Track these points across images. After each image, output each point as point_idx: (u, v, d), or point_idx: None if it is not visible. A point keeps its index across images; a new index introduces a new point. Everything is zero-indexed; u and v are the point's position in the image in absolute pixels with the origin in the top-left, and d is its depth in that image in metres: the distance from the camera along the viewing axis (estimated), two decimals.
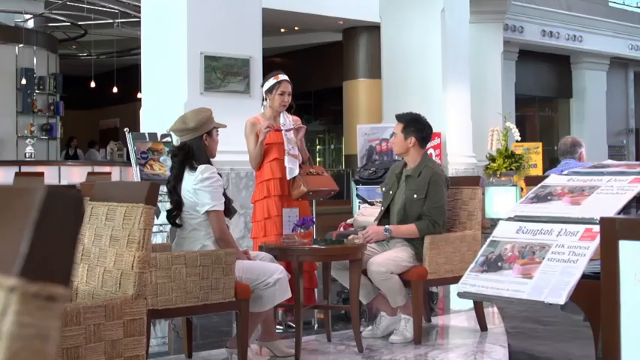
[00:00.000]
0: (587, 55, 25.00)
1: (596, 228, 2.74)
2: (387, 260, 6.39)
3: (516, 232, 3.17)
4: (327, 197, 7.55)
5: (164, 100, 10.02)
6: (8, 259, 0.75)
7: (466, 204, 6.89)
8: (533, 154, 17.46)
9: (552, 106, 27.17)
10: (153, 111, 10.20)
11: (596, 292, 2.61)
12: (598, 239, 2.77)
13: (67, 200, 0.78)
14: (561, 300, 2.78)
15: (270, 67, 8.04)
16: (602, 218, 2.55)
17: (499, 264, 3.08)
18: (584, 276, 2.92)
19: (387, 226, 6.56)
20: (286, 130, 6.95)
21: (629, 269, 2.43)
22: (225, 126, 5.88)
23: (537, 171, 16.87)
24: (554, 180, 3.45)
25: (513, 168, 16.25)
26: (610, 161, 3.96)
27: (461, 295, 3.15)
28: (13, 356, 0.74)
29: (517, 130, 16.39)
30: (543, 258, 2.95)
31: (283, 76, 7.03)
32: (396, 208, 6.70)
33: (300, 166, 6.98)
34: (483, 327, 6.81)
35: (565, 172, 3.54)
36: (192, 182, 5.48)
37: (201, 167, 5.50)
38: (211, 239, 5.49)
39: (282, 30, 21.35)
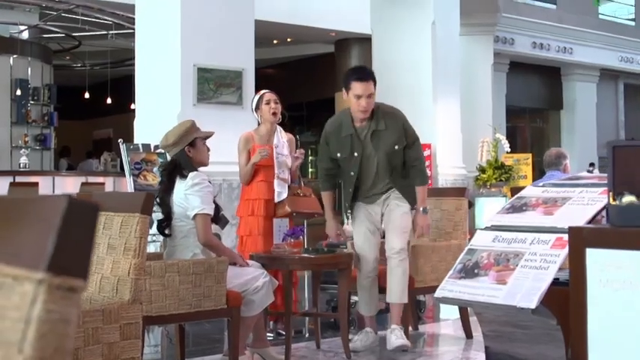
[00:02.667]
0: (578, 66, 25.14)
1: (567, 237, 2.90)
2: (405, 235, 6.50)
3: (492, 241, 3.33)
4: (309, 219, 7.61)
5: (158, 112, 10.11)
6: (37, 257, 0.91)
7: (452, 214, 7.05)
8: (523, 165, 17.61)
9: (543, 118, 27.29)
10: (147, 122, 10.28)
11: (567, 298, 2.78)
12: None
13: (85, 208, 0.94)
14: (532, 304, 2.94)
15: (262, 79, 8.20)
16: (570, 227, 2.72)
17: (476, 271, 3.25)
18: (557, 283, 3.09)
19: (422, 207, 6.49)
20: (278, 153, 7.10)
21: (596, 275, 2.60)
22: (211, 134, 5.99)
23: (527, 182, 16.97)
24: (530, 191, 3.62)
25: (503, 179, 16.40)
26: (584, 174, 4.13)
27: (439, 299, 3.31)
28: (41, 337, 0.90)
29: (507, 142, 16.57)
30: (517, 265, 3.12)
31: (265, 90, 7.26)
32: (372, 167, 6.52)
33: (288, 186, 7.14)
34: (469, 334, 6.96)
35: (540, 184, 3.70)
36: (183, 189, 5.63)
37: (192, 174, 5.66)
38: (201, 246, 5.64)
39: (275, 41, 21.50)
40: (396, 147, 6.39)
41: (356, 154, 6.45)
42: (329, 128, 6.64)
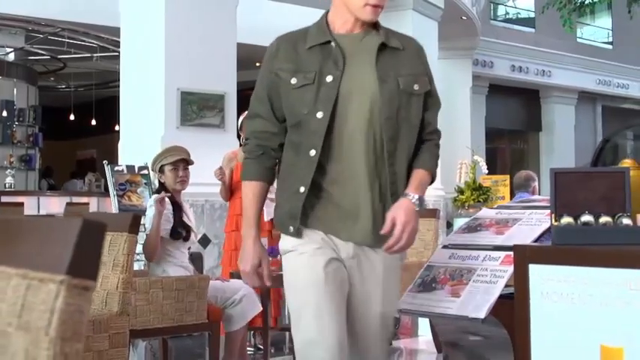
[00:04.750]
0: (556, 89, 25.35)
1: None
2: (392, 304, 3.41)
3: (449, 258, 3.65)
4: None
5: (142, 133, 10.30)
6: (59, 263, 1.21)
7: (423, 234, 7.33)
8: (501, 186, 17.86)
9: (522, 139, 27.51)
10: (131, 144, 10.45)
11: (513, 310, 3.09)
12: None
13: (95, 226, 1.24)
14: (482, 315, 3.25)
15: (245, 101, 8.37)
16: (515, 245, 3.04)
17: (433, 285, 3.56)
18: (507, 296, 3.39)
19: (409, 194, 3.28)
20: None
21: (537, 288, 2.91)
22: (175, 158, 6.24)
23: (505, 202, 17.24)
24: (485, 213, 3.95)
25: (481, 200, 16.67)
26: (537, 196, 4.46)
27: (399, 311, 3.62)
28: (62, 323, 1.19)
29: (484, 164, 16.85)
30: (470, 280, 3.44)
31: None
32: (359, 122, 3.21)
33: None
34: (439, 349, 7.24)
35: (495, 206, 4.04)
36: None
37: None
38: (170, 264, 5.96)
39: (257, 64, 21.71)
40: (416, 87, 3.29)
41: (329, 77, 3.22)
42: (281, 37, 3.65)
